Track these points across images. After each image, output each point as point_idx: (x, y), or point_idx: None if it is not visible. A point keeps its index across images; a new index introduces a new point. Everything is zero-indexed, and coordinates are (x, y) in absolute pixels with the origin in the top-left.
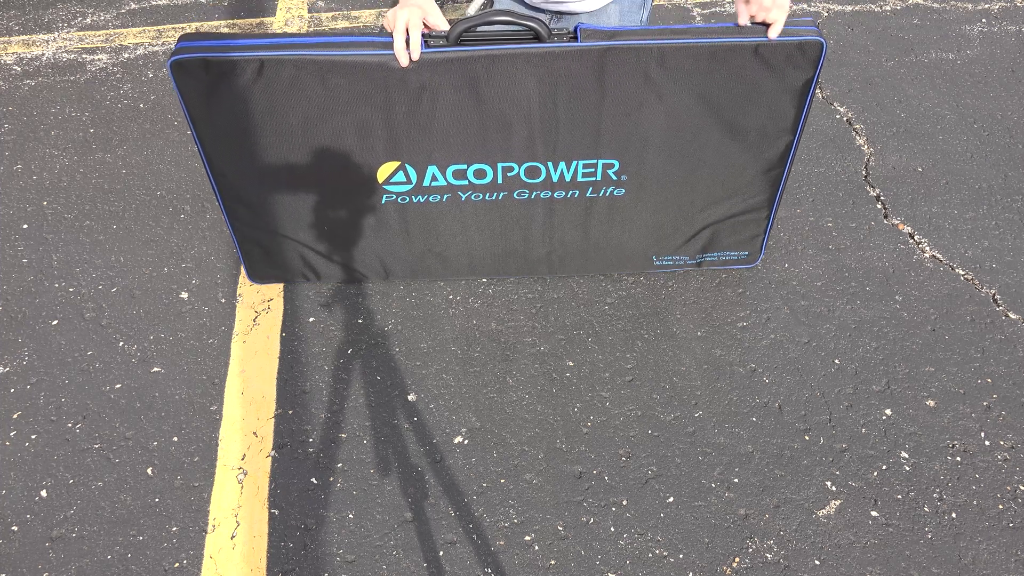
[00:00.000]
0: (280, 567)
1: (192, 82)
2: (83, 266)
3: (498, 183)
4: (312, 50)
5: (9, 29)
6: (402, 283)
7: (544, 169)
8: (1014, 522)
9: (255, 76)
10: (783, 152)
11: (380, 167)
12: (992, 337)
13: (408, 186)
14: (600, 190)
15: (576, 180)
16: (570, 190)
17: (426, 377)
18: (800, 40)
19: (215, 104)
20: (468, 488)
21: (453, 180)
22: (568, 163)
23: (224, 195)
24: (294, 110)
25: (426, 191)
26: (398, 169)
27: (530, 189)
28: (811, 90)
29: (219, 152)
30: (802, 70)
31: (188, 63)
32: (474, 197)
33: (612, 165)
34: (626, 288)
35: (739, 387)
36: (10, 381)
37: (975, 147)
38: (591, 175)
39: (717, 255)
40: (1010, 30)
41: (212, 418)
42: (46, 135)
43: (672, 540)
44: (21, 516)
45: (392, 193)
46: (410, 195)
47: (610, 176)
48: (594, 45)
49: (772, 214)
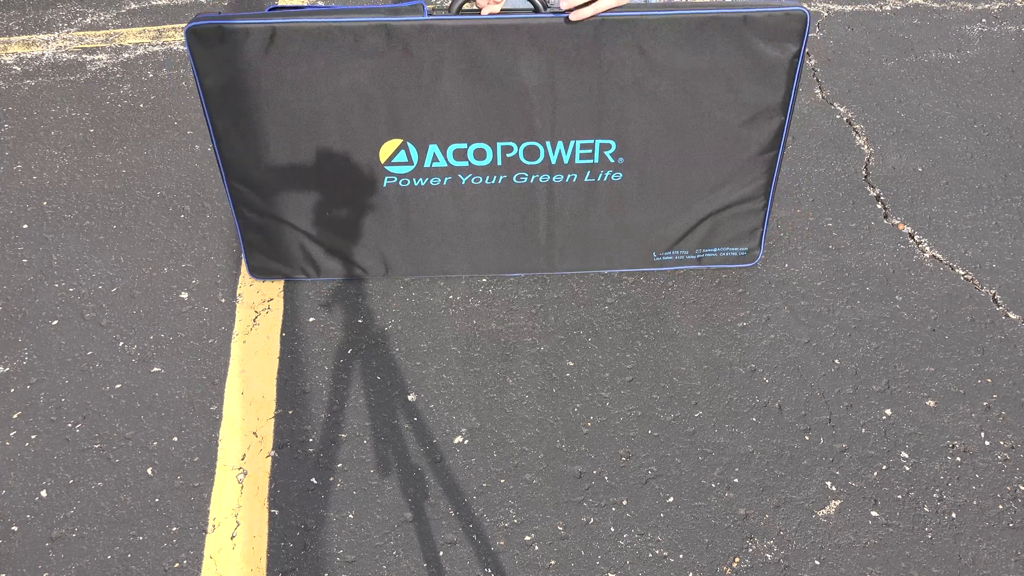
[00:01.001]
0: (280, 567)
1: (205, 51)
2: (83, 266)
3: (498, 165)
4: (321, 17)
5: (9, 29)
6: (402, 283)
7: (543, 149)
8: (1014, 522)
9: (266, 45)
10: (776, 132)
11: (382, 146)
12: (992, 337)
13: (410, 167)
14: (599, 174)
15: (574, 163)
16: (568, 174)
17: (426, 377)
18: (785, 11)
19: (226, 75)
20: (468, 488)
21: (454, 161)
22: (566, 143)
23: (229, 175)
24: (301, 82)
25: (427, 173)
26: (400, 148)
27: (529, 172)
28: (799, 65)
29: (228, 126)
30: (790, 42)
31: (203, 30)
32: (474, 181)
33: (609, 146)
34: (626, 288)
35: (739, 387)
36: (10, 381)
37: (975, 147)
38: (589, 157)
39: (717, 251)
40: (1010, 30)
41: (212, 418)
42: (46, 135)
43: (672, 540)
44: (21, 516)
45: (394, 175)
46: (411, 178)
47: (608, 159)
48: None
49: (768, 204)
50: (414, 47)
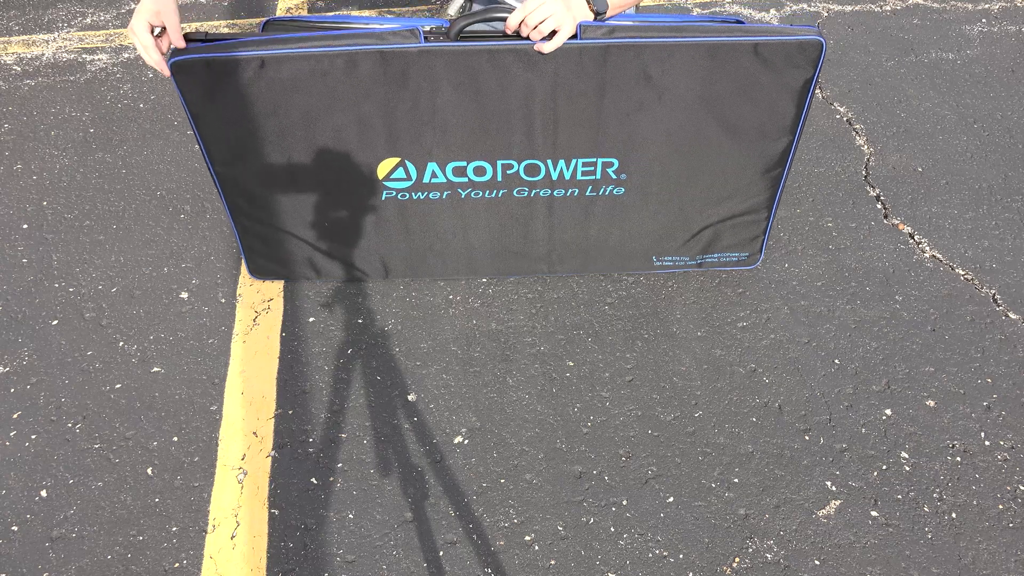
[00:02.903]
0: (280, 567)
1: (193, 82)
2: (83, 266)
3: (498, 180)
4: (311, 45)
5: (9, 29)
6: (402, 283)
7: (544, 167)
8: (1014, 522)
9: (256, 74)
10: (783, 152)
11: (380, 163)
12: (992, 337)
13: (408, 183)
14: (600, 189)
15: (576, 179)
16: (570, 188)
17: (426, 377)
18: (800, 39)
19: (216, 103)
20: (468, 488)
21: (453, 177)
22: (568, 161)
23: (226, 191)
24: (295, 106)
25: (426, 188)
26: (398, 166)
27: (530, 187)
28: (811, 90)
29: (221, 150)
30: (802, 69)
31: (188, 64)
32: (474, 194)
33: (612, 164)
34: (626, 288)
35: (739, 387)
36: (10, 381)
37: (975, 147)
38: (591, 174)
39: (717, 256)
40: (1010, 30)
41: (212, 418)
42: (46, 135)
43: (672, 540)
44: (21, 516)
45: (392, 190)
46: (410, 191)
47: (610, 175)
48: (594, 43)
49: (772, 215)
50: (412, 72)
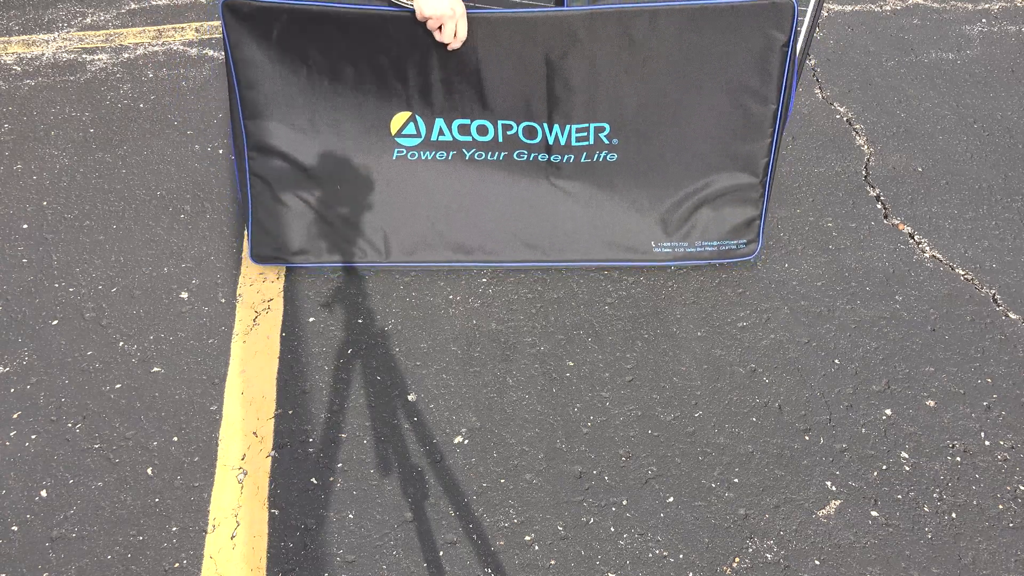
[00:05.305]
0: (280, 567)
1: (239, 24)
2: (83, 266)
3: (499, 142)
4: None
5: (9, 29)
6: (402, 283)
7: (540, 130)
8: (1014, 522)
9: (296, 24)
10: (770, 119)
11: (393, 118)
12: (992, 337)
13: (418, 139)
14: (595, 155)
15: (571, 144)
16: (566, 154)
17: (426, 377)
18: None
19: (256, 48)
20: (468, 488)
21: (458, 135)
22: (563, 127)
23: (249, 143)
24: (325, 59)
25: (434, 146)
26: (409, 120)
27: (528, 150)
28: (789, 54)
29: (255, 99)
30: (778, 30)
31: (238, 5)
32: (478, 156)
33: (603, 128)
34: (626, 288)
35: (739, 387)
36: (10, 381)
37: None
38: (584, 139)
39: (716, 244)
40: (1010, 30)
41: (212, 418)
42: (46, 135)
43: (672, 540)
44: (21, 516)
45: (403, 147)
46: (419, 150)
47: (602, 140)
48: (579, 10)
49: (766, 195)
50: (420, 33)
